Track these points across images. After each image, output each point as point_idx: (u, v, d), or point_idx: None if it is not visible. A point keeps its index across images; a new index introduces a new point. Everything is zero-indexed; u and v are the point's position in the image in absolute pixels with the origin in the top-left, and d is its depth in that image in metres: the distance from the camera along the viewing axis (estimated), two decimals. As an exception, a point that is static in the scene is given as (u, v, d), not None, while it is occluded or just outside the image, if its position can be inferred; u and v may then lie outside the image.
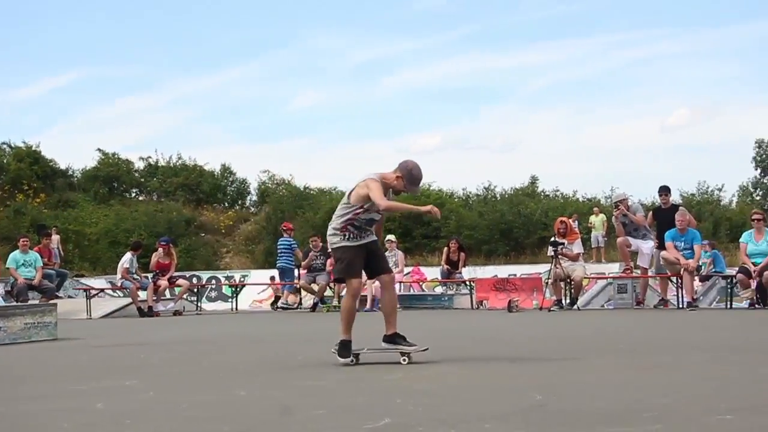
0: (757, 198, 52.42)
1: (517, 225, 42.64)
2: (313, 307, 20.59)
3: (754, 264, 15.73)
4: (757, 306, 15.68)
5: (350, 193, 7.68)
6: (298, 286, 21.53)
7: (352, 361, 7.42)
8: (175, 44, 77.12)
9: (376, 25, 79.95)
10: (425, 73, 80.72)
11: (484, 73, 79.34)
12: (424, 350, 7.48)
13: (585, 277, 18.44)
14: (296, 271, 21.73)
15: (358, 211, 7.60)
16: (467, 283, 20.53)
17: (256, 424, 4.47)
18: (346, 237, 7.64)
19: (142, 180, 48.47)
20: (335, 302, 20.25)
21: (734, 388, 5.46)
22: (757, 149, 53.98)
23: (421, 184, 8.07)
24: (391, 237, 21.20)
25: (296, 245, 21.94)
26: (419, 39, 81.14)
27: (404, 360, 7.33)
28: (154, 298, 20.02)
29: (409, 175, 7.68)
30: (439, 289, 22.36)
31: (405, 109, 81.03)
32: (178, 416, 4.79)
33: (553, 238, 17.12)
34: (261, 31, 77.81)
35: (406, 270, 22.50)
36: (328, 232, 7.80)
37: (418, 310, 19.72)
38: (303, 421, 4.47)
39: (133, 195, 48.36)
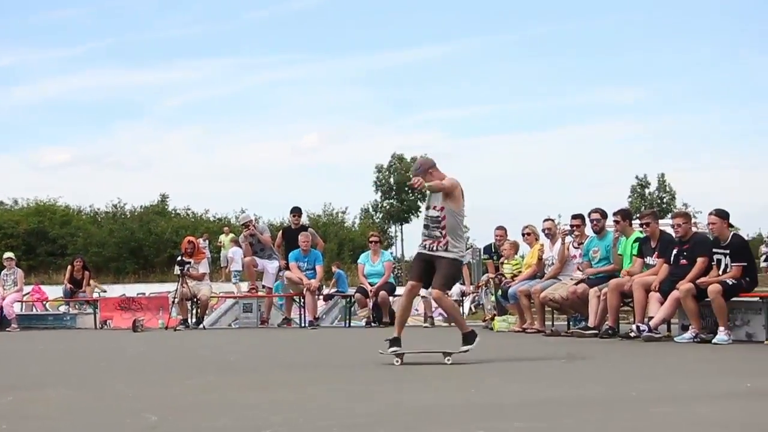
0: (377, 220, 55.40)
1: (148, 243, 42.15)
2: None
3: (371, 284, 16.58)
4: (372, 324, 16.49)
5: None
6: None
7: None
8: None
9: (3, 33, 75.95)
10: (58, 85, 77.74)
11: (120, 88, 77.78)
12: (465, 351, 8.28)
13: (213, 296, 18.50)
14: None
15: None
16: (91, 302, 19.91)
17: None
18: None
19: None
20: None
21: (343, 404, 5.74)
22: (377, 174, 57.04)
23: (413, 171, 8.63)
24: (9, 255, 20.09)
25: None
26: (52, 50, 78.07)
27: (448, 360, 8.04)
28: None
29: None
30: (62, 309, 21.47)
31: (34, 121, 77.47)
32: None
33: (179, 257, 17.04)
34: None
35: (27, 289, 21.39)
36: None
37: (38, 330, 18.85)
38: None
39: None
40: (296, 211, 17.95)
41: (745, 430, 4.47)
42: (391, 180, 57.32)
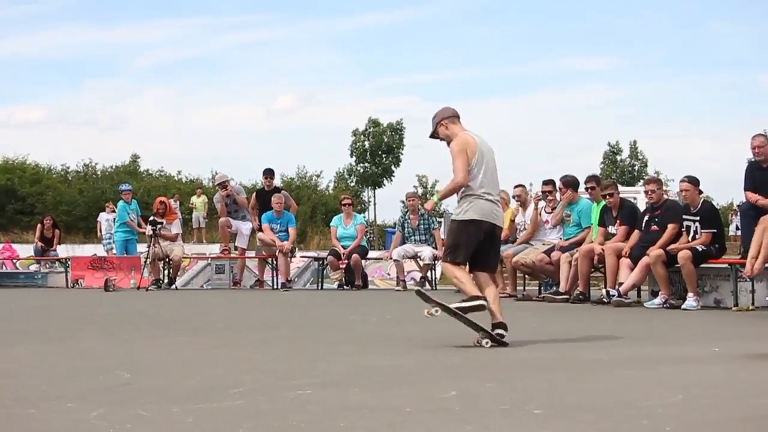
0: (352, 185, 55.30)
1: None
2: None
3: (344, 247, 16.60)
4: (345, 287, 16.53)
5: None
6: None
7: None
8: None
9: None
10: (29, 41, 76.68)
11: (92, 46, 76.87)
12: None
13: (185, 257, 18.48)
14: None
15: None
16: (62, 260, 19.84)
17: None
18: None
19: None
20: None
21: (315, 364, 5.77)
22: (353, 138, 56.81)
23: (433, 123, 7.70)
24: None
25: None
26: (23, 5, 77.00)
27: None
28: None
29: None
30: (33, 267, 21.38)
31: (5, 78, 76.51)
32: None
33: (151, 218, 16.98)
34: None
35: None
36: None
37: (9, 289, 18.76)
38: None
39: None
40: (269, 173, 17.88)
41: (704, 391, 4.53)
42: (366, 144, 57.14)
